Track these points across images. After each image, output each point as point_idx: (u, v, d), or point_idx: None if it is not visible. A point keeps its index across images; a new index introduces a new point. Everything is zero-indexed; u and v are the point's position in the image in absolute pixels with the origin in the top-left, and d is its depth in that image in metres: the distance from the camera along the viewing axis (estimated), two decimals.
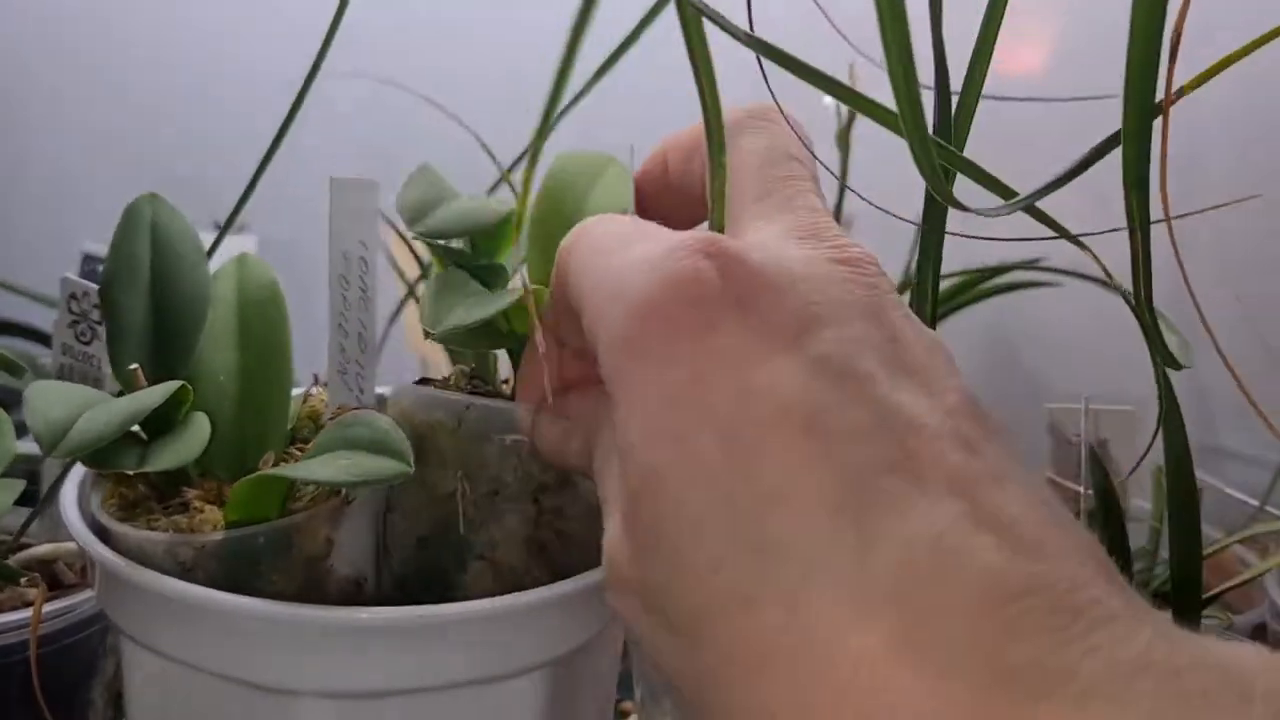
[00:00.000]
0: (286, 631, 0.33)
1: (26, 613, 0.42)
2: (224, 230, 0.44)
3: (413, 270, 0.66)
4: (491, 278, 0.40)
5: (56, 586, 0.46)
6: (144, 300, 0.39)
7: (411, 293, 0.66)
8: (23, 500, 0.51)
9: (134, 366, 0.37)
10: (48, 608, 0.43)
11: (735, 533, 0.22)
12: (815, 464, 0.22)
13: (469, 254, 0.40)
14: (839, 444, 0.23)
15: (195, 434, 0.35)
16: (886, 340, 0.25)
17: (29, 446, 0.52)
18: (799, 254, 0.27)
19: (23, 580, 0.46)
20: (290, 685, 0.34)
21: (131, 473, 0.36)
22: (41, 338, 0.74)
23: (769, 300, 0.25)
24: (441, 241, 0.39)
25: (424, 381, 0.41)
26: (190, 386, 0.36)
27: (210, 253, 0.42)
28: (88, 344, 0.48)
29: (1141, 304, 0.29)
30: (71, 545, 0.48)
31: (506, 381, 0.42)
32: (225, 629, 0.34)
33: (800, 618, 0.21)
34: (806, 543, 0.22)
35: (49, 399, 0.33)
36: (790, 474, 0.23)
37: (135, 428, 0.36)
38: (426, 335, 0.37)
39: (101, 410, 0.33)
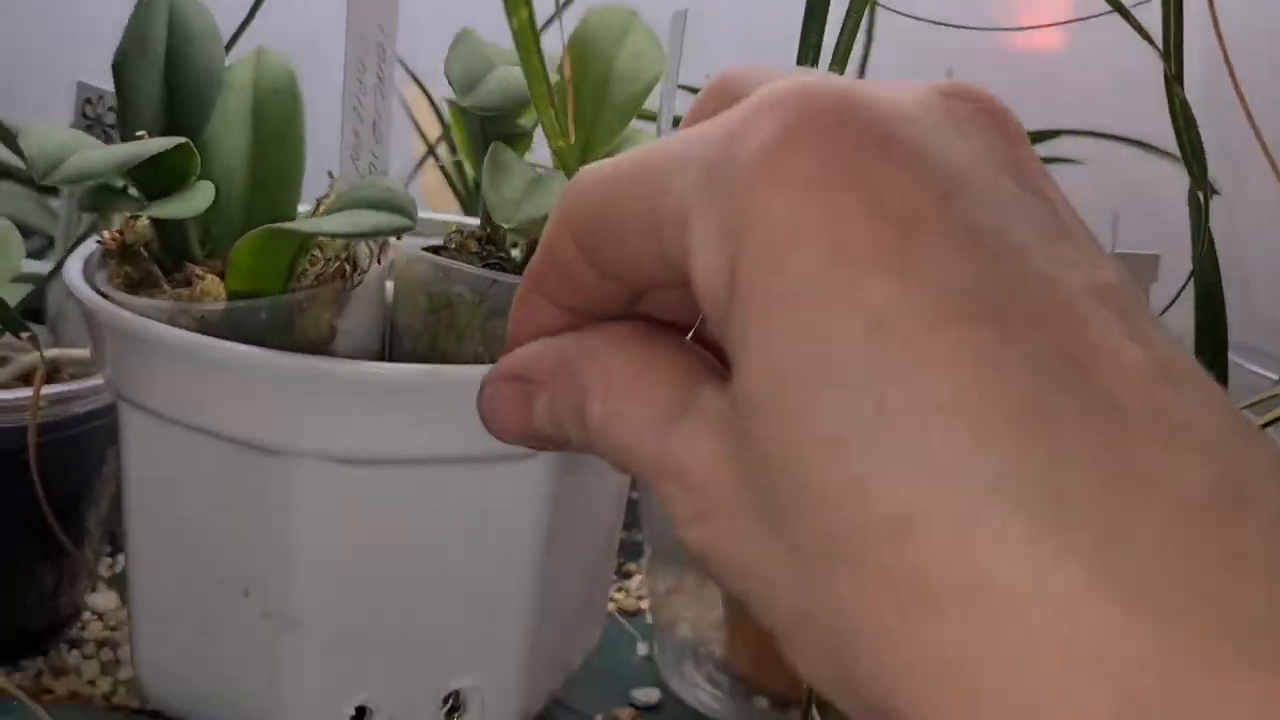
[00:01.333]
0: (288, 381, 0.33)
1: (26, 391, 0.42)
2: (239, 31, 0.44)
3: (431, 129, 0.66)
4: (520, 141, 0.41)
5: None
6: (157, 76, 0.38)
7: (432, 152, 0.65)
8: (30, 318, 0.51)
9: (141, 133, 0.36)
10: (50, 389, 0.42)
11: (887, 449, 0.19)
12: (985, 364, 0.19)
13: (501, 118, 0.40)
14: (1009, 338, 0.19)
15: (200, 193, 0.34)
16: (1036, 200, 0.21)
17: (36, 267, 0.52)
18: (906, 95, 0.22)
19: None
20: (290, 445, 0.34)
21: (131, 243, 0.36)
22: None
23: (900, 157, 0.20)
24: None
25: (435, 250, 0.41)
26: (197, 152, 0.35)
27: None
28: None
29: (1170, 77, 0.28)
30: (76, 352, 0.47)
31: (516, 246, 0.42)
32: (228, 381, 0.33)
33: (974, 546, 0.18)
34: (980, 459, 0.18)
35: (47, 135, 0.32)
36: (956, 376, 0.19)
37: (137, 193, 0.35)
38: (498, 227, 0.38)
39: (99, 149, 0.33)
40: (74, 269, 0.38)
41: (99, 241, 0.38)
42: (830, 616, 0.20)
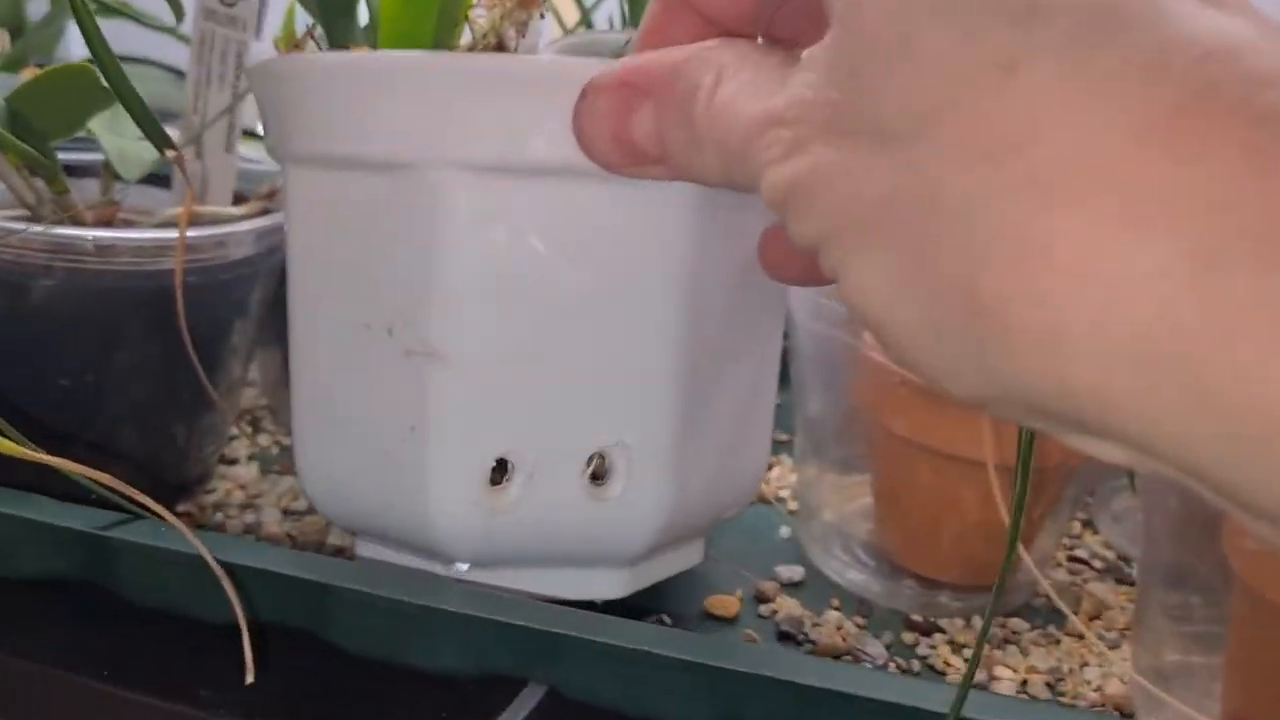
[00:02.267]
0: (434, 79, 0.33)
1: (173, 233, 0.42)
2: None
3: None
4: None
5: None
6: None
7: None
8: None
9: None
10: (195, 231, 0.42)
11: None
12: None
13: None
14: None
15: None
16: None
17: None
18: None
19: None
20: (431, 155, 0.33)
21: None
22: None
23: None
24: None
25: None
26: None
27: None
28: (232, 4, 0.47)
29: None
30: (213, 209, 0.47)
31: None
32: (370, 93, 0.33)
33: (1083, 79, 0.17)
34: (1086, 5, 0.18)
35: None
36: None
37: None
38: None
39: None
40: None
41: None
42: (923, 186, 0.19)
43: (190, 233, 0.43)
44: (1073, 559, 0.50)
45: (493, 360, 0.35)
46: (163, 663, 0.37)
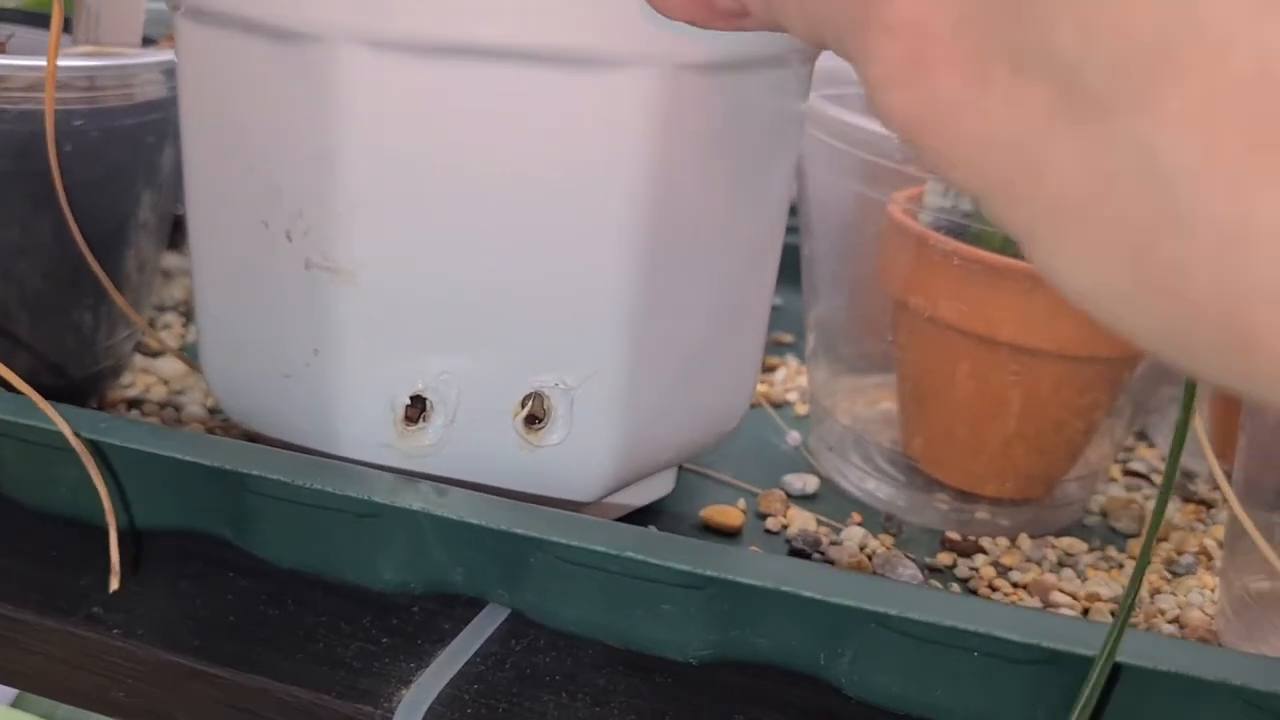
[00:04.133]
0: None
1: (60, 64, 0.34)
2: None
3: None
4: None
5: None
6: None
7: None
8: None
9: None
10: (71, 63, 0.35)
11: None
12: None
13: None
14: None
15: None
16: None
17: None
18: None
19: None
20: (328, 27, 0.26)
21: None
22: None
23: None
24: None
25: None
26: None
27: None
28: None
29: None
30: (115, 49, 0.40)
31: None
32: None
33: None
34: None
35: None
36: None
37: None
38: None
39: None
40: None
41: None
42: (1143, 161, 0.14)
43: (82, 63, 0.35)
44: (1129, 473, 0.43)
45: (406, 280, 0.28)
46: (37, 570, 0.30)
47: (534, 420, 0.29)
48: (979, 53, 0.16)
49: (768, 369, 0.49)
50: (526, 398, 0.29)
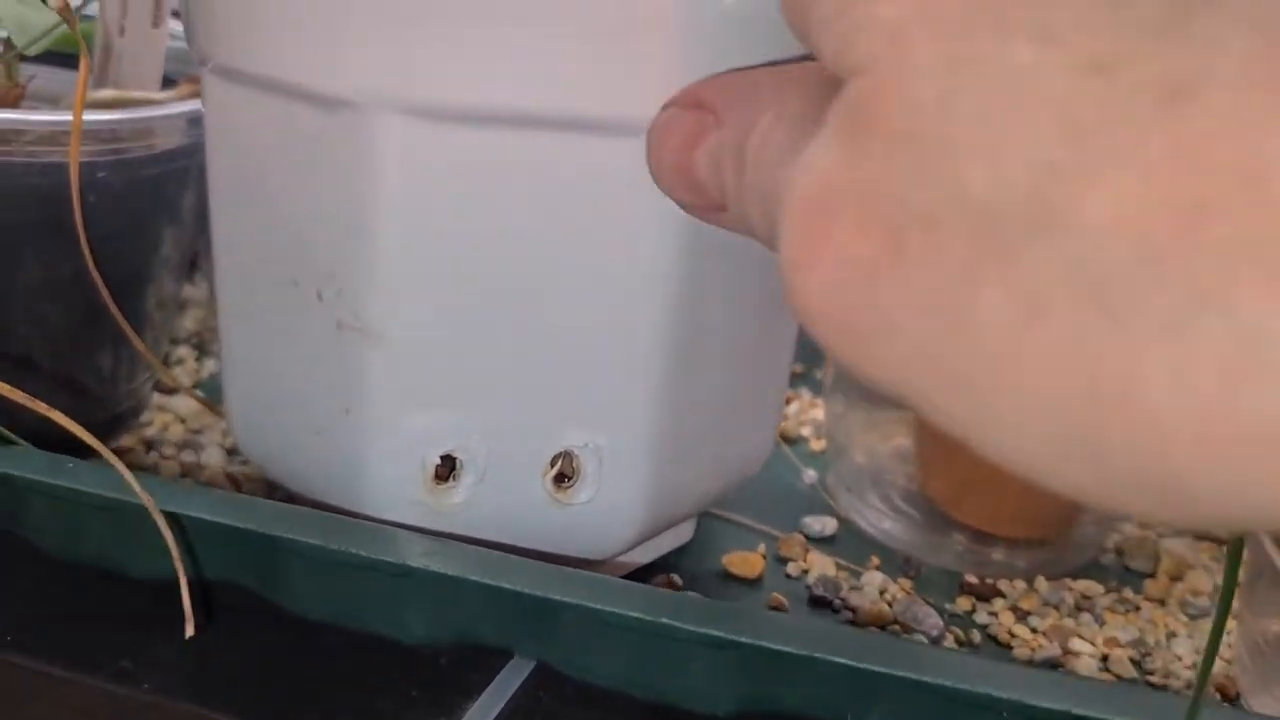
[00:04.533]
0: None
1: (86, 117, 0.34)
2: None
3: None
4: None
5: None
6: None
7: None
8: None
9: None
10: (97, 116, 0.35)
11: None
12: None
13: None
14: None
15: None
16: None
17: None
18: None
19: None
20: (364, 95, 0.26)
21: None
22: None
23: None
24: None
25: None
26: None
27: None
28: None
29: None
30: (134, 94, 0.40)
31: None
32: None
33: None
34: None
35: None
36: None
37: None
38: None
39: None
40: None
41: None
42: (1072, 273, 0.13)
43: (105, 116, 0.35)
44: None
45: (438, 341, 0.28)
46: (80, 626, 0.31)
47: (563, 478, 0.30)
48: (890, 222, 0.15)
49: None
50: (556, 457, 0.29)
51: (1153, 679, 0.34)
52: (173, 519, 0.30)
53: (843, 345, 0.16)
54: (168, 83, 0.43)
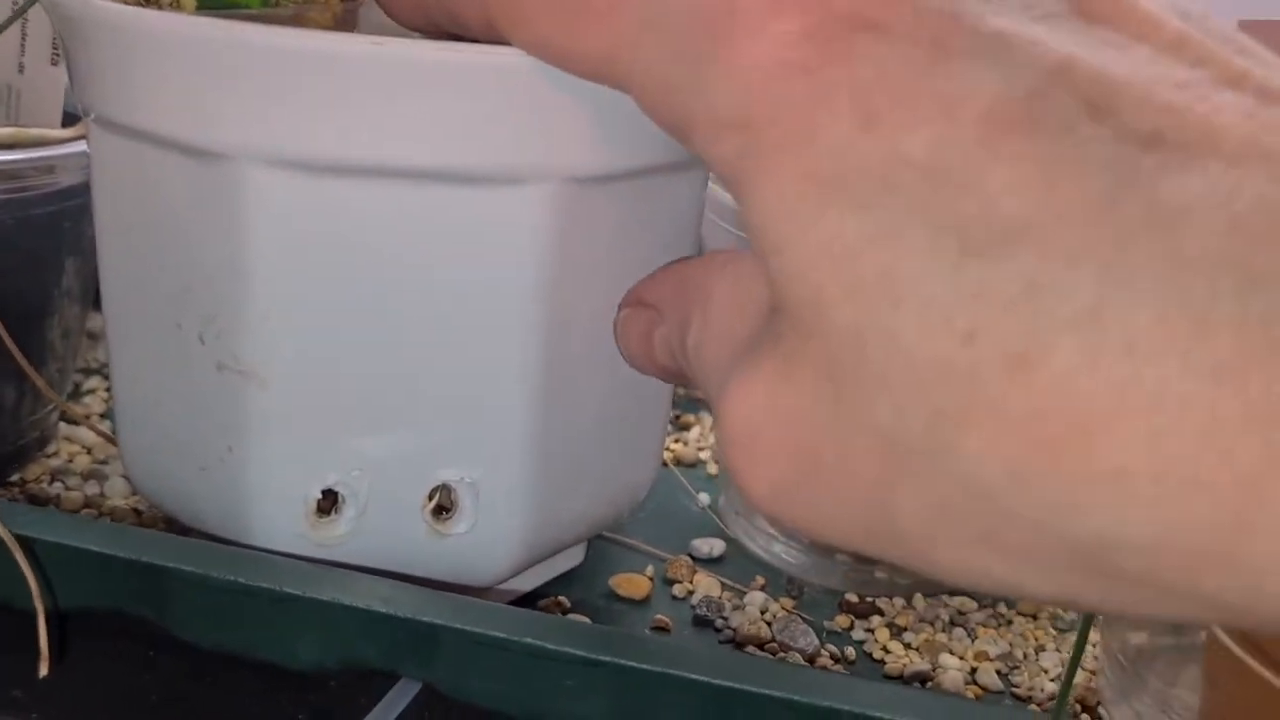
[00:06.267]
0: (227, 55, 0.26)
1: None
2: None
3: None
4: None
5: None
6: None
7: None
8: None
9: None
10: (13, 156, 0.36)
11: (979, 285, 0.16)
12: (1060, 165, 0.16)
13: None
14: (1076, 132, 0.16)
15: None
16: None
17: None
18: None
19: None
20: (236, 146, 0.27)
21: None
22: None
23: None
24: None
25: None
26: None
27: None
28: None
29: None
30: (34, 131, 0.40)
31: None
32: (164, 62, 0.27)
33: (1108, 354, 0.15)
34: (1085, 265, 0.16)
35: None
36: (1031, 185, 0.16)
37: None
38: None
39: None
40: None
41: None
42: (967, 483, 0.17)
43: (4, 156, 0.36)
44: None
45: (316, 384, 0.29)
46: None
47: (442, 510, 0.31)
48: (807, 445, 0.19)
49: (682, 427, 0.51)
50: (434, 490, 0.30)
51: (1018, 691, 0.35)
52: (28, 545, 0.31)
53: (788, 523, 0.20)
54: (69, 119, 0.43)
